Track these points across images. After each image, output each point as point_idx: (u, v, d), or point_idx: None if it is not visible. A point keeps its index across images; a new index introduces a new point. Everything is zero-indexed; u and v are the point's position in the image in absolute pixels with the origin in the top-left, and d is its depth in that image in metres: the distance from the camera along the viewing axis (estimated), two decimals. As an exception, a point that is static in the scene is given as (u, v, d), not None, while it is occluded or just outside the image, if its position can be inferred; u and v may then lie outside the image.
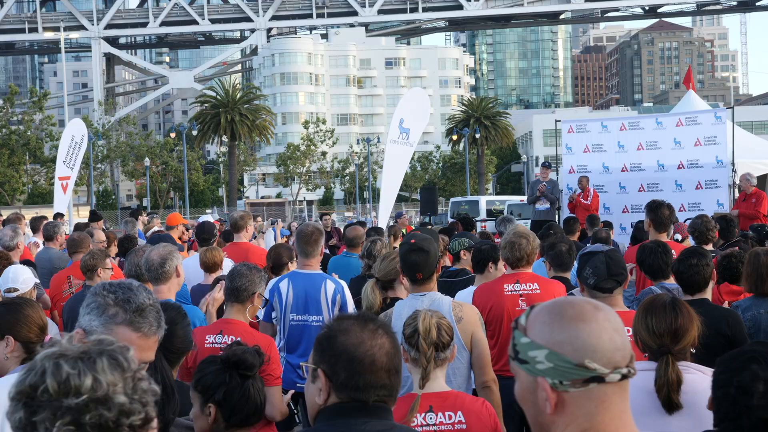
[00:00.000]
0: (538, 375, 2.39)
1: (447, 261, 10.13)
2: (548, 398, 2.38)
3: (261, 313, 8.13)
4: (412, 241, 6.62)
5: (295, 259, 9.26)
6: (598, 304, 2.47)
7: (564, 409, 2.39)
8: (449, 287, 8.69)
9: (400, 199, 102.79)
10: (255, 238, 16.44)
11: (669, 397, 4.24)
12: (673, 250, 8.51)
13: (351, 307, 7.97)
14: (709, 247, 10.54)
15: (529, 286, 7.48)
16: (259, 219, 22.84)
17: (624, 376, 2.39)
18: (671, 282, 7.63)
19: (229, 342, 5.89)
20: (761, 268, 7.11)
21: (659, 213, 10.22)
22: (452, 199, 50.10)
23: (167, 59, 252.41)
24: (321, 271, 8.17)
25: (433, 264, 6.44)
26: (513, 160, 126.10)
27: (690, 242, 11.69)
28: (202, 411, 4.14)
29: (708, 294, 6.46)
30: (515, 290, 7.47)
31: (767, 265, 7.04)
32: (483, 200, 46.54)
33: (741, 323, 6.11)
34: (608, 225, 16.69)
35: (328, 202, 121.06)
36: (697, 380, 4.29)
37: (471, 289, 8.45)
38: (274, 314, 7.97)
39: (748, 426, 3.23)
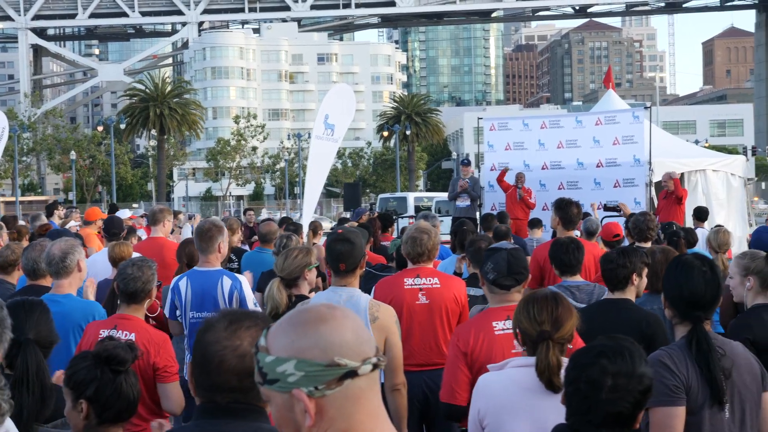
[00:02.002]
0: (292, 388, 2.31)
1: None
2: (307, 409, 2.30)
3: (167, 309, 8.14)
4: (339, 231, 6.66)
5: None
6: (332, 305, 2.42)
7: (323, 417, 2.32)
8: (373, 277, 8.77)
9: (329, 195, 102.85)
10: (172, 233, 16.36)
11: (550, 380, 4.33)
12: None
13: (251, 302, 7.95)
14: (648, 244, 10.66)
15: (429, 281, 7.51)
16: (180, 215, 22.71)
17: (375, 366, 2.34)
18: (577, 279, 7.77)
19: (123, 337, 5.91)
20: (657, 266, 7.25)
21: (568, 211, 10.38)
22: (380, 196, 50.17)
23: (97, 51, 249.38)
24: (220, 268, 8.14)
25: (358, 257, 6.43)
26: (444, 157, 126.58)
27: (598, 240, 11.89)
28: (74, 407, 4.11)
29: (631, 294, 6.53)
30: (415, 284, 7.50)
31: (662, 263, 7.16)
32: (411, 197, 46.67)
33: (661, 324, 6.18)
34: (538, 223, 16.81)
35: (258, 197, 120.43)
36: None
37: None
38: (178, 312, 7.99)
39: (598, 420, 3.31)
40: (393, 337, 6.33)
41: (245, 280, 8.11)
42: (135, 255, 9.70)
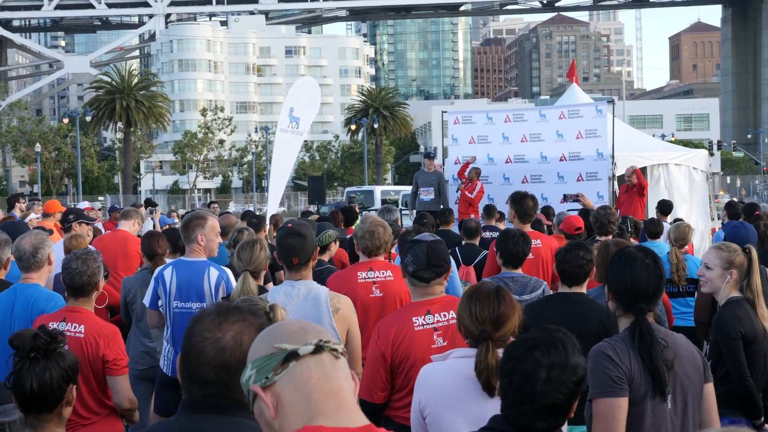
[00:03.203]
0: (251, 386, 2.46)
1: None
2: (265, 401, 2.43)
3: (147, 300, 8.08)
4: (289, 225, 6.65)
5: (168, 250, 9.27)
6: (308, 325, 2.56)
7: (283, 406, 2.42)
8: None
9: (297, 188, 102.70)
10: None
11: (488, 381, 4.34)
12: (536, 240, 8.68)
13: None
14: (608, 238, 10.73)
15: (383, 273, 7.53)
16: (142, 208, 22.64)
17: (318, 348, 2.44)
18: (519, 272, 7.81)
19: (73, 329, 5.88)
20: (609, 258, 7.29)
21: (523, 204, 10.41)
22: (347, 189, 50.20)
23: (63, 43, 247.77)
24: (206, 259, 8.15)
25: (310, 250, 6.45)
26: (412, 150, 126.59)
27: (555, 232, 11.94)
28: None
29: (584, 288, 6.58)
30: (369, 278, 7.51)
31: (615, 255, 7.21)
32: (378, 190, 46.77)
33: (614, 318, 6.23)
34: (491, 210, 16.75)
35: (225, 190, 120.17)
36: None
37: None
38: (160, 302, 7.94)
39: (532, 412, 3.32)
40: (354, 327, 6.43)
41: (231, 273, 8.11)
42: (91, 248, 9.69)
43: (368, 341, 7.39)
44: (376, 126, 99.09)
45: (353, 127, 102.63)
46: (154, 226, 18.82)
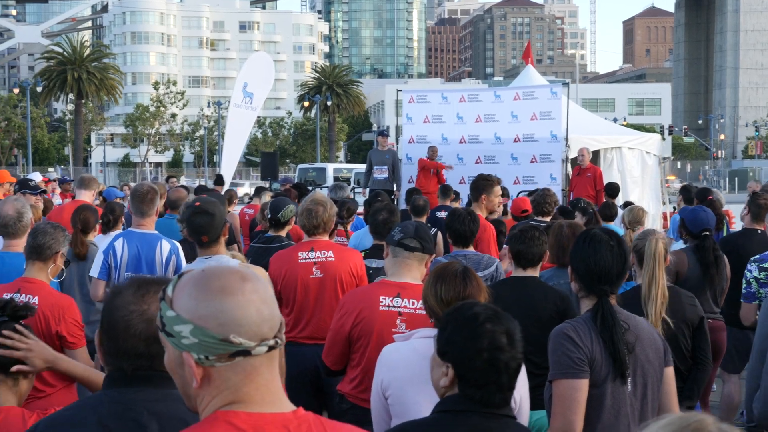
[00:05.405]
0: (183, 350, 2.31)
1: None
2: (194, 373, 2.30)
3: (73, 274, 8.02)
4: (197, 204, 6.64)
5: (99, 223, 9.18)
6: (246, 274, 2.38)
7: (210, 383, 2.32)
8: (262, 253, 8.68)
9: (249, 164, 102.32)
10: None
11: None
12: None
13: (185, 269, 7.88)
14: (547, 219, 10.83)
15: (324, 254, 7.48)
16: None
17: (271, 348, 2.34)
18: (471, 250, 7.82)
19: (26, 300, 5.77)
20: (563, 240, 7.33)
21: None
22: (300, 166, 50.09)
23: (14, 12, 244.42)
24: (157, 232, 8.09)
25: (219, 227, 6.52)
26: (365, 128, 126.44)
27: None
28: None
29: (538, 271, 6.55)
30: (309, 258, 7.46)
31: (569, 237, 7.24)
32: (330, 167, 46.75)
33: (570, 300, 6.22)
34: (447, 190, 16.72)
35: (177, 164, 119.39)
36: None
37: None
38: (112, 274, 7.89)
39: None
40: None
41: (180, 247, 8.09)
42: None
43: (308, 322, 7.41)
44: (329, 103, 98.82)
45: (306, 104, 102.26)
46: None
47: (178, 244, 8.12)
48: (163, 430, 2.89)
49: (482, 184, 10.74)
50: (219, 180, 21.86)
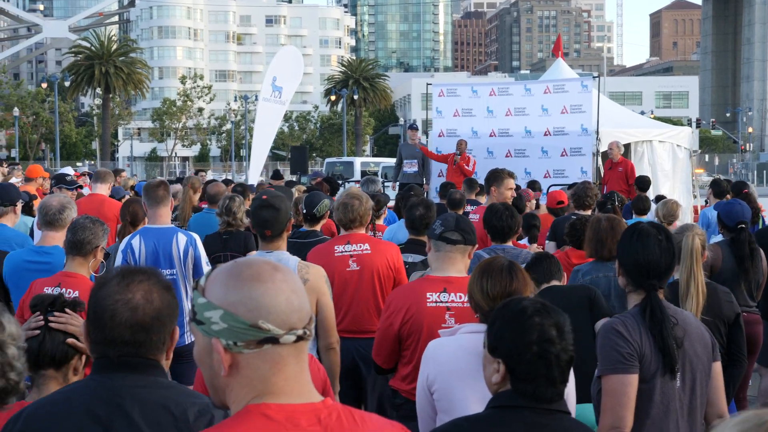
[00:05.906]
0: (213, 336, 2.33)
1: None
2: (222, 360, 2.32)
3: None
4: (264, 197, 6.62)
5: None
6: (278, 265, 2.41)
7: (238, 372, 2.33)
8: (299, 248, 8.69)
9: (276, 158, 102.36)
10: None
11: None
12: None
13: (204, 260, 7.98)
14: (588, 212, 10.82)
15: (360, 247, 7.52)
16: (124, 173, 22.47)
17: (300, 338, 2.34)
18: (509, 245, 7.80)
19: (68, 295, 5.80)
20: (601, 233, 7.30)
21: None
22: (327, 160, 50.03)
23: (41, 7, 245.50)
24: (172, 225, 8.13)
25: (283, 222, 6.46)
26: (391, 122, 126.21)
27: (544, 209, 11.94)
28: None
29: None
30: (345, 251, 7.51)
31: (607, 230, 7.21)
32: (358, 161, 46.69)
33: (599, 293, 6.23)
34: (473, 184, 16.66)
35: (203, 158, 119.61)
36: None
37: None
38: None
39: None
40: (324, 297, 6.41)
41: (199, 238, 8.10)
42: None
43: (345, 314, 7.42)
44: (355, 97, 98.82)
45: (333, 98, 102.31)
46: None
47: (195, 236, 8.16)
48: (144, 415, 2.98)
49: (492, 177, 10.97)
50: (276, 174, 21.74)
